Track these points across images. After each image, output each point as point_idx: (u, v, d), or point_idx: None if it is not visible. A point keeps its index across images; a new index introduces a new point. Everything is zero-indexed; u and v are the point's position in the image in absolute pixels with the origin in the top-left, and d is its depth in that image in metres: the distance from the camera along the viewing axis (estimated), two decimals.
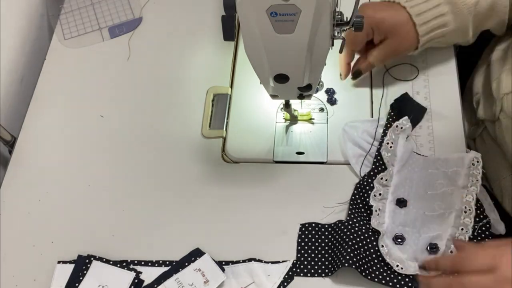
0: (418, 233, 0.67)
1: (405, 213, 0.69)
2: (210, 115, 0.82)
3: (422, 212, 0.68)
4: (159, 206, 0.75)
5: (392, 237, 0.68)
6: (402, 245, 0.67)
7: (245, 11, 0.53)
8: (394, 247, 0.67)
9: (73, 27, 0.93)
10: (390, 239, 0.67)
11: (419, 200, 0.69)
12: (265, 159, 0.77)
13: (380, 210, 0.69)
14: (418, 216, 0.69)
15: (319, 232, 0.70)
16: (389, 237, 0.68)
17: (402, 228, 0.68)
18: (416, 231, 0.68)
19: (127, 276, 0.69)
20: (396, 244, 0.67)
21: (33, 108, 0.86)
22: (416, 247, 0.66)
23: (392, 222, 0.68)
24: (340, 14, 0.60)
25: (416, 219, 0.68)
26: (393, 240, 0.67)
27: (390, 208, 0.69)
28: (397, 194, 0.70)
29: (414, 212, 0.69)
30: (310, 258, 0.68)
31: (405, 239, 0.67)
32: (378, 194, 0.70)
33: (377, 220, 0.68)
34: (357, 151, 0.74)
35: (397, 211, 0.69)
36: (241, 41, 0.79)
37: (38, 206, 0.77)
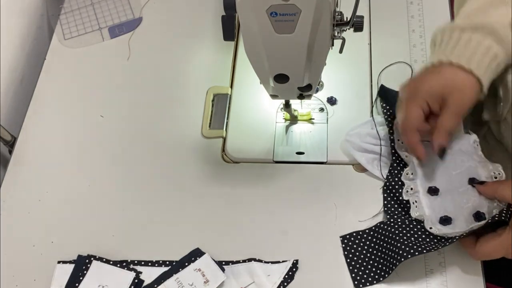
0: (461, 208, 0.67)
1: (441, 200, 0.68)
2: (210, 115, 0.82)
3: (456, 192, 0.68)
4: (159, 206, 0.75)
5: (438, 221, 0.67)
6: (451, 225, 0.66)
7: (245, 11, 0.53)
8: (444, 228, 0.66)
9: (73, 27, 0.93)
10: (436, 223, 0.67)
11: (449, 183, 0.69)
12: (265, 159, 0.77)
13: (417, 202, 0.69)
14: (454, 196, 0.68)
15: (362, 239, 0.69)
16: (435, 223, 0.67)
17: (443, 210, 0.68)
18: (459, 208, 0.67)
19: (127, 276, 0.69)
20: (444, 225, 0.66)
21: (33, 108, 0.86)
22: (466, 219, 0.65)
23: (433, 212, 0.68)
24: (340, 14, 0.60)
25: (454, 199, 0.68)
26: (441, 223, 0.66)
27: (425, 200, 0.69)
28: (426, 184, 0.70)
29: (449, 196, 0.68)
30: (363, 267, 0.67)
31: (452, 219, 0.66)
32: (410, 189, 0.70)
33: (416, 212, 0.68)
34: (369, 156, 0.74)
35: (432, 200, 0.69)
36: (241, 41, 0.79)
37: (38, 206, 0.77)
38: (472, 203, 0.66)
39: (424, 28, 0.85)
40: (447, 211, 0.67)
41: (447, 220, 0.66)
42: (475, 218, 0.65)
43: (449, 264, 0.67)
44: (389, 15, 0.87)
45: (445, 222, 0.66)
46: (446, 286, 0.66)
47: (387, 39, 0.85)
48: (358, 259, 0.68)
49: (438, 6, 0.87)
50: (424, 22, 0.86)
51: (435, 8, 0.87)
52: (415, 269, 0.67)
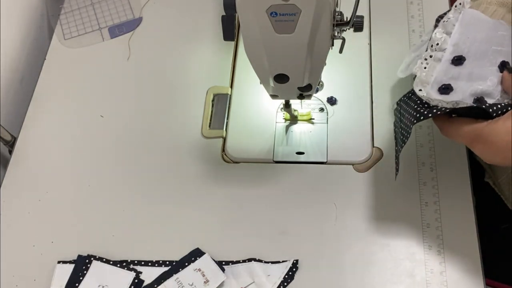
0: (471, 83, 0.60)
1: (460, 68, 0.61)
2: (210, 115, 0.82)
3: (481, 68, 0.61)
4: (159, 206, 0.75)
5: (438, 87, 0.61)
6: (448, 95, 0.60)
7: (245, 11, 0.53)
8: (437, 96, 0.60)
9: (73, 27, 0.93)
10: (435, 89, 0.61)
11: (480, 56, 0.62)
12: (265, 159, 0.77)
13: (429, 65, 0.62)
14: (475, 70, 0.61)
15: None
16: (434, 87, 0.61)
17: (454, 80, 0.61)
18: (469, 82, 0.60)
19: (127, 276, 0.69)
20: (440, 94, 0.60)
21: (33, 108, 0.86)
22: (463, 95, 0.60)
23: (443, 75, 0.61)
24: (340, 14, 0.60)
25: (472, 72, 0.61)
26: (438, 91, 0.60)
27: (443, 65, 0.62)
28: (456, 52, 0.62)
29: (471, 67, 0.61)
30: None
31: (453, 89, 0.60)
32: (429, 56, 0.63)
33: (422, 71, 0.62)
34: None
35: (450, 67, 0.62)
36: (241, 41, 0.79)
37: (38, 206, 0.77)
38: (484, 86, 0.60)
39: (424, 28, 0.85)
40: (456, 81, 0.61)
41: (447, 89, 0.60)
42: (475, 101, 0.59)
43: (449, 261, 0.67)
44: (389, 15, 0.87)
45: (443, 90, 0.60)
46: (446, 285, 0.66)
47: (387, 39, 0.85)
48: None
49: (438, 6, 0.87)
50: (424, 22, 0.86)
51: (435, 8, 0.87)
52: (415, 268, 0.67)
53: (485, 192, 0.79)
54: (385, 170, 0.75)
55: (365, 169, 0.75)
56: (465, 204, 0.71)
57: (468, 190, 0.72)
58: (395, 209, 0.72)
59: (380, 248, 0.69)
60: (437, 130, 0.76)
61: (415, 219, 0.71)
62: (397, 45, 0.84)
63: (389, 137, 0.77)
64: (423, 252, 0.68)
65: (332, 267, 0.69)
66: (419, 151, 0.75)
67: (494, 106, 0.57)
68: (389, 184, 0.73)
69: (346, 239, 0.70)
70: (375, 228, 0.71)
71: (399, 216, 0.71)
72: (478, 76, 0.60)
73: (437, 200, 0.72)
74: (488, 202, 0.79)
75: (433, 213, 0.71)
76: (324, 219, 0.72)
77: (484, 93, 0.60)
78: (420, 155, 0.75)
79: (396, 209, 0.72)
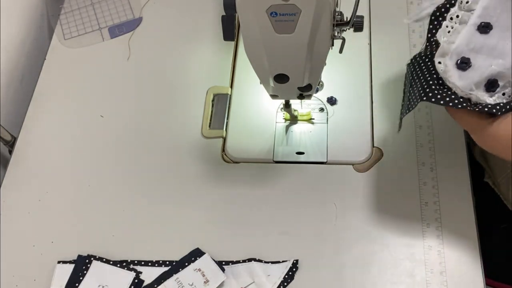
0: (490, 60, 0.56)
1: (485, 38, 0.57)
2: (210, 115, 0.82)
3: (505, 42, 0.56)
4: (159, 206, 0.75)
5: (456, 60, 0.57)
6: (464, 72, 0.56)
7: (245, 11, 0.53)
8: (454, 71, 0.56)
9: (73, 27, 0.93)
10: (453, 60, 0.57)
11: (507, 28, 0.57)
12: (265, 159, 0.77)
13: (454, 30, 0.58)
14: (499, 43, 0.57)
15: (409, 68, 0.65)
16: (453, 59, 0.57)
17: (474, 54, 0.57)
18: (489, 58, 0.57)
19: (127, 276, 0.69)
20: (458, 69, 0.57)
21: (33, 108, 0.86)
22: (480, 76, 0.56)
23: (465, 44, 0.57)
24: (340, 14, 0.60)
25: (497, 46, 0.57)
26: (456, 64, 0.56)
27: (468, 31, 0.57)
28: (484, 17, 0.57)
29: (496, 39, 0.57)
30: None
31: (472, 65, 0.56)
32: (456, 16, 0.58)
33: (445, 36, 0.58)
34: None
35: (475, 35, 0.57)
36: (241, 41, 0.79)
37: (38, 206, 0.77)
38: (501, 68, 0.56)
39: (424, 28, 0.85)
40: (476, 55, 0.57)
41: (465, 64, 0.56)
42: (487, 85, 0.56)
43: (449, 261, 0.67)
44: (389, 15, 0.87)
45: (461, 65, 0.56)
46: (446, 285, 0.66)
47: (387, 39, 0.85)
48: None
49: None
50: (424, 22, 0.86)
51: None
52: (415, 268, 0.67)
53: (485, 192, 0.79)
54: (385, 170, 0.75)
55: (365, 169, 0.75)
56: (465, 204, 0.71)
57: (468, 190, 0.72)
58: (395, 209, 0.72)
59: (380, 248, 0.69)
60: (437, 130, 0.76)
61: (415, 219, 0.71)
62: (397, 45, 0.84)
63: (389, 137, 0.77)
64: (423, 252, 0.68)
65: (332, 267, 0.69)
66: (419, 151, 0.75)
67: (503, 108, 0.56)
68: (389, 184, 0.73)
69: (346, 239, 0.70)
70: (375, 228, 0.71)
71: (399, 216, 0.71)
72: (500, 52, 0.57)
73: (437, 200, 0.72)
74: (488, 202, 0.79)
75: (433, 213, 0.71)
76: (324, 219, 0.72)
77: (499, 75, 0.57)
78: (420, 155, 0.75)
79: (396, 209, 0.72)
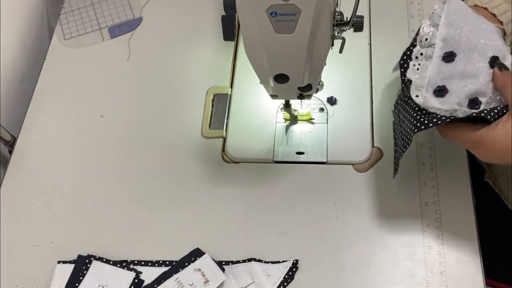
0: (464, 81, 0.59)
1: (452, 66, 0.61)
2: (210, 115, 0.82)
3: (471, 64, 0.60)
4: (159, 206, 0.75)
5: (433, 89, 0.60)
6: (444, 98, 0.59)
7: (245, 11, 0.53)
8: (434, 99, 0.59)
9: (73, 27, 0.93)
10: (430, 92, 0.60)
11: (470, 51, 0.60)
12: (265, 159, 0.77)
13: (421, 66, 0.61)
14: (467, 66, 0.60)
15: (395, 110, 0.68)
16: (429, 90, 0.60)
17: (447, 81, 0.60)
18: (463, 80, 0.60)
19: (127, 276, 0.69)
20: (436, 97, 0.59)
21: (33, 108, 0.86)
22: (459, 98, 0.59)
23: (436, 75, 0.60)
24: (340, 14, 0.60)
25: (465, 69, 0.60)
26: (434, 93, 0.60)
27: (435, 64, 0.61)
28: (446, 48, 0.61)
29: (463, 64, 0.60)
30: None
31: (448, 91, 0.59)
32: (420, 54, 0.62)
33: (415, 74, 0.61)
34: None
35: (442, 66, 0.61)
36: (241, 41, 0.79)
37: (38, 206, 0.77)
38: (477, 85, 0.59)
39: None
40: (449, 81, 0.60)
41: (442, 91, 0.59)
42: (470, 103, 0.59)
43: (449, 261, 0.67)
44: (389, 15, 0.87)
45: (439, 92, 0.60)
46: (446, 285, 0.66)
47: (387, 39, 0.85)
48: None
49: None
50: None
51: None
52: (415, 268, 0.67)
53: (485, 192, 0.79)
54: (385, 170, 0.75)
55: (365, 169, 0.75)
56: (465, 204, 0.71)
57: (468, 190, 0.72)
58: (395, 209, 0.72)
59: (380, 248, 0.69)
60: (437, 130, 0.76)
61: (415, 219, 0.71)
62: (397, 45, 0.84)
63: (389, 137, 0.77)
64: (423, 252, 0.68)
65: (332, 267, 0.69)
66: (419, 151, 0.75)
67: (491, 112, 0.57)
68: (389, 184, 0.73)
69: (346, 239, 0.70)
70: (375, 228, 0.71)
71: (399, 216, 0.71)
72: (470, 73, 0.60)
73: (437, 200, 0.72)
74: (488, 202, 0.79)
75: (433, 213, 0.71)
76: (324, 219, 0.72)
77: (478, 93, 0.59)
78: (420, 155, 0.75)
79: (396, 209, 0.72)
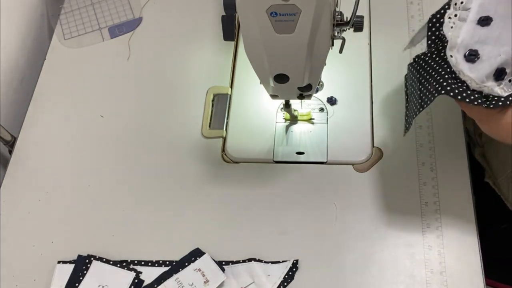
0: (498, 47, 0.57)
1: (487, 30, 0.57)
2: (210, 115, 0.82)
3: (510, 31, 0.57)
4: (159, 206, 0.75)
5: (464, 52, 0.57)
6: (474, 64, 0.57)
7: (245, 11, 0.53)
8: (464, 64, 0.57)
9: (73, 27, 0.93)
10: (461, 53, 0.57)
11: (508, 16, 0.57)
12: (265, 159, 0.77)
13: (455, 25, 0.58)
14: (503, 33, 0.57)
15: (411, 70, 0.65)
16: (460, 52, 0.57)
17: (480, 45, 0.57)
18: (497, 46, 0.57)
19: (127, 276, 0.69)
20: (467, 61, 0.57)
21: (33, 108, 0.86)
22: (491, 68, 0.57)
23: (469, 38, 0.57)
24: (340, 14, 0.60)
25: (501, 36, 0.57)
26: (465, 57, 0.57)
27: (469, 26, 0.57)
28: (482, 13, 0.57)
29: (499, 29, 0.57)
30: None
31: (480, 57, 0.57)
32: (454, 15, 0.58)
33: (449, 31, 0.58)
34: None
35: (477, 29, 0.57)
36: (241, 41, 0.79)
37: (38, 206, 0.77)
38: (508, 54, 0.56)
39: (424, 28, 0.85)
40: (483, 46, 0.57)
41: (474, 56, 0.56)
42: (495, 74, 0.56)
43: (449, 261, 0.67)
44: (389, 15, 0.87)
45: (469, 57, 0.57)
46: (446, 285, 0.66)
47: (387, 39, 0.85)
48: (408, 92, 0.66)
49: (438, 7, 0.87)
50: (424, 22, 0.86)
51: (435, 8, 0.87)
52: (415, 268, 0.67)
53: (485, 192, 0.79)
54: (385, 170, 0.75)
55: (365, 169, 0.75)
56: (465, 204, 0.71)
57: (468, 190, 0.72)
58: (395, 209, 0.72)
59: (380, 248, 0.69)
60: (437, 130, 0.76)
61: (415, 219, 0.71)
62: (397, 45, 0.84)
63: (389, 137, 0.77)
64: (423, 252, 0.68)
65: (332, 267, 0.69)
66: (419, 151, 0.75)
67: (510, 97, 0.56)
68: (389, 184, 0.73)
69: (346, 239, 0.70)
70: (375, 228, 0.71)
71: (399, 216, 0.71)
72: (506, 40, 0.57)
73: (437, 200, 0.72)
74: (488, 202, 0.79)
75: (433, 213, 0.71)
76: (324, 219, 0.72)
77: (507, 63, 0.57)
78: (420, 155, 0.75)
79: (396, 209, 0.72)
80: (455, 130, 0.76)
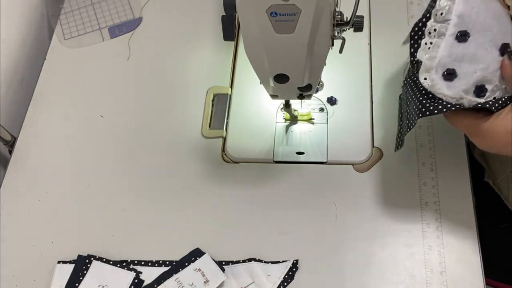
0: (474, 66, 0.58)
1: (464, 47, 0.58)
2: (210, 115, 0.82)
3: (484, 48, 0.58)
4: (159, 206, 0.75)
5: (443, 72, 0.58)
6: (452, 82, 0.58)
7: (245, 11, 0.53)
8: (442, 83, 0.58)
9: (73, 27, 0.93)
10: (439, 74, 0.58)
11: (484, 34, 0.58)
12: (265, 159, 0.77)
13: (433, 45, 0.59)
14: (479, 50, 0.58)
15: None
16: (438, 72, 0.58)
17: (457, 63, 0.58)
18: (473, 65, 0.58)
19: (127, 276, 0.69)
20: (445, 80, 0.58)
21: (33, 108, 0.86)
22: (467, 85, 0.58)
23: (447, 56, 0.58)
24: (340, 14, 0.60)
25: (477, 53, 0.58)
26: (443, 76, 0.58)
27: (447, 42, 0.58)
28: (460, 26, 0.58)
29: (475, 45, 0.58)
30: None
31: (457, 75, 0.58)
32: (433, 30, 0.59)
33: (426, 53, 0.59)
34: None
35: (455, 45, 0.58)
36: (241, 41, 0.79)
37: (38, 206, 0.77)
38: (484, 72, 0.58)
39: None
40: (460, 64, 0.58)
41: (451, 74, 0.58)
42: (476, 91, 0.58)
43: (449, 261, 0.67)
44: (389, 15, 0.87)
45: (448, 76, 0.58)
46: (446, 285, 0.66)
47: (387, 39, 0.85)
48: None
49: None
50: None
51: None
52: (415, 268, 0.67)
53: (485, 192, 0.79)
54: (385, 170, 0.75)
55: (365, 169, 0.75)
56: (465, 204, 0.71)
57: (468, 190, 0.72)
58: (395, 209, 0.72)
59: (380, 248, 0.69)
60: (437, 130, 0.76)
61: (415, 219, 0.71)
62: (397, 45, 0.84)
63: (389, 137, 0.77)
64: (423, 252, 0.68)
65: (332, 267, 0.69)
66: (419, 151, 0.75)
67: (496, 103, 0.57)
68: (389, 184, 0.74)
69: (346, 239, 0.70)
70: (375, 228, 0.71)
71: (399, 216, 0.71)
72: (481, 58, 0.58)
73: (437, 200, 0.72)
74: (488, 202, 0.79)
75: (433, 213, 0.71)
76: (324, 219, 0.72)
77: (484, 80, 0.58)
78: (420, 155, 0.75)
79: (396, 209, 0.72)
80: (455, 130, 0.75)
